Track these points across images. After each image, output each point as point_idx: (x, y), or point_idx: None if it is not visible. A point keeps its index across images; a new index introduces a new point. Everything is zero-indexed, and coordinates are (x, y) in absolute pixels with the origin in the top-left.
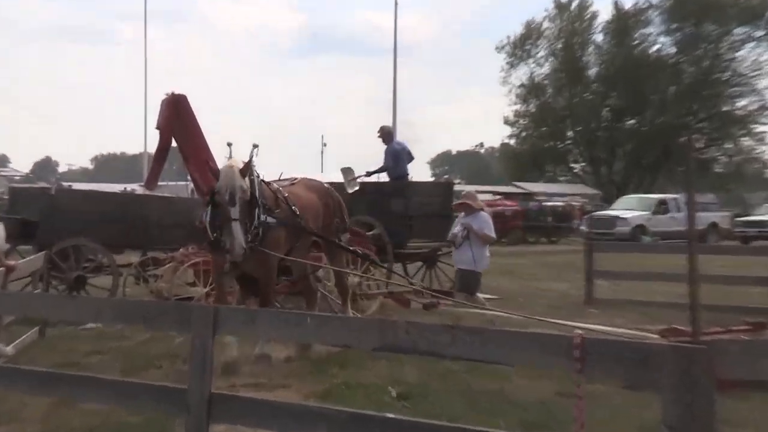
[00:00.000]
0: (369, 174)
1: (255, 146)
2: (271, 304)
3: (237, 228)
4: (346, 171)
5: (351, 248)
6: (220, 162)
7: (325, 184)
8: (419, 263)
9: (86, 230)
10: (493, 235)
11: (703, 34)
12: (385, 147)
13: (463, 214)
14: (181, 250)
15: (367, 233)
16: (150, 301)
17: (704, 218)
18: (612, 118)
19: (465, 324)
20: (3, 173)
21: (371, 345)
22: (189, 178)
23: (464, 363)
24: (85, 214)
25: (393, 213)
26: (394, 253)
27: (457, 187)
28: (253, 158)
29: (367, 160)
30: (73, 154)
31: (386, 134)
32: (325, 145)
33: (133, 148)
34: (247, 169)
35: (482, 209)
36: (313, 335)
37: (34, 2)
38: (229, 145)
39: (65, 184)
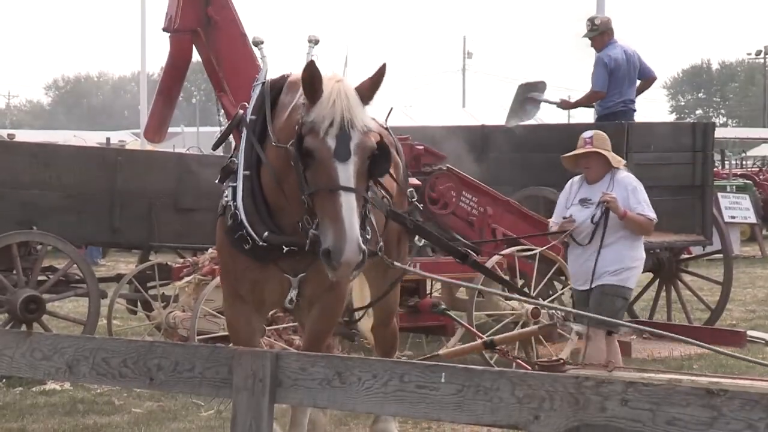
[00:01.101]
0: (564, 106)
1: (314, 43)
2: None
3: (353, 208)
4: (527, 87)
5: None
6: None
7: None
8: (645, 276)
9: (42, 217)
10: (654, 215)
11: None
12: (595, 56)
13: (576, 178)
14: (210, 250)
15: (549, 220)
16: (159, 344)
17: None
18: None
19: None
20: None
21: (555, 424)
22: (224, 119)
23: None
24: (39, 188)
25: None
26: None
27: (720, 132)
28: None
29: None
30: (17, 81)
31: (601, 29)
32: (469, 55)
33: (119, 67)
34: (376, 89)
35: (622, 167)
36: (454, 408)
37: None
38: (257, 44)
39: (2, 132)
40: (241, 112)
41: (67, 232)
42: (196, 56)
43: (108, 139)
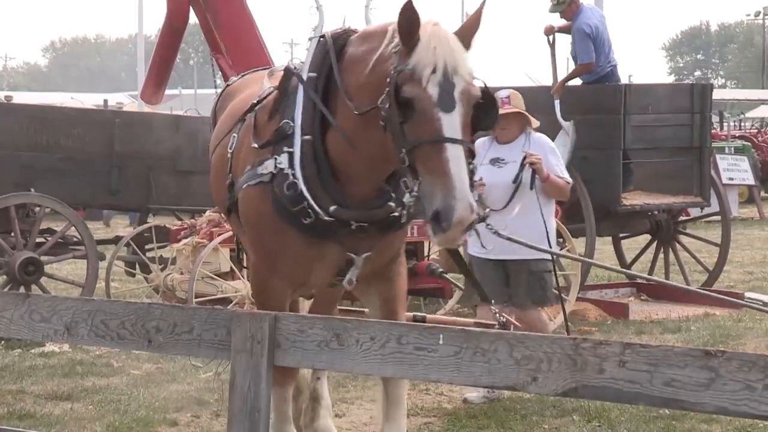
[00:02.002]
0: (558, 90)
1: None
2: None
3: (461, 161)
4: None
5: None
6: (277, 56)
7: None
8: (644, 238)
9: (40, 179)
10: (570, 179)
11: None
12: (572, 28)
13: (485, 138)
14: (208, 212)
15: None
16: (157, 306)
17: None
18: None
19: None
20: None
21: (553, 386)
22: (221, 81)
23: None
24: (36, 151)
25: (596, 146)
26: (599, 218)
27: (718, 94)
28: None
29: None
30: (15, 42)
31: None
32: (467, 16)
33: (116, 28)
34: (475, 33)
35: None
36: (452, 370)
37: None
38: None
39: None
40: (293, 67)
41: (65, 194)
42: (193, 18)
43: (105, 101)
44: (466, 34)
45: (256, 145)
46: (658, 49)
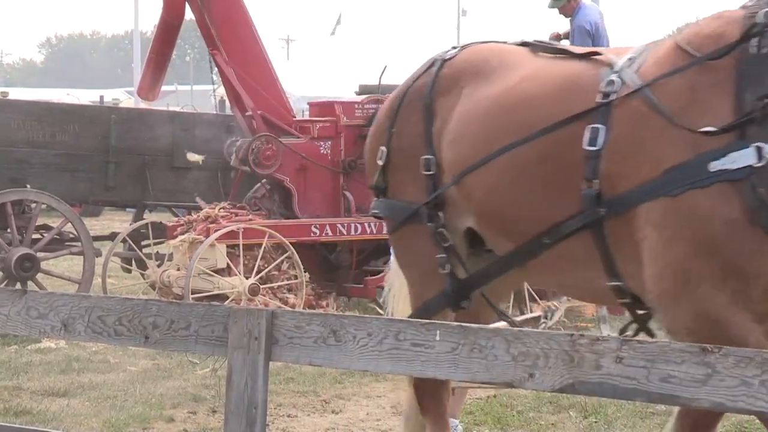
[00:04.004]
0: None
1: None
2: None
3: None
4: None
5: None
6: (277, 57)
7: None
8: None
9: (36, 175)
10: None
11: None
12: (574, 25)
13: None
14: (205, 209)
15: None
16: (154, 302)
17: None
18: None
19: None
20: None
21: (550, 382)
22: (217, 77)
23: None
24: (32, 147)
25: None
26: None
27: None
28: None
29: None
30: (10, 38)
31: None
32: (464, 13)
33: (112, 25)
34: None
35: None
36: (449, 366)
37: None
38: None
39: None
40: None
41: (60, 190)
42: (189, 14)
43: (101, 97)
44: None
45: (710, 128)
46: None
